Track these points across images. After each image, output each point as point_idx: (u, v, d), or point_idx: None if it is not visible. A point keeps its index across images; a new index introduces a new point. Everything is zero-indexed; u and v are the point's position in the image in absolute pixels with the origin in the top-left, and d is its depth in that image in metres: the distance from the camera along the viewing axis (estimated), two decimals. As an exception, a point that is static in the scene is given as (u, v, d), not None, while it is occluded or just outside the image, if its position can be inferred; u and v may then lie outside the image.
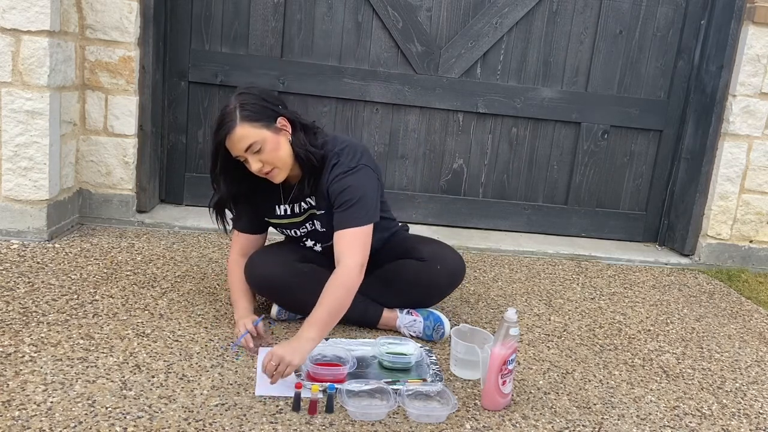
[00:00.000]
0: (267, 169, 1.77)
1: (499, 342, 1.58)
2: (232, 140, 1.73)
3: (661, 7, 3.18)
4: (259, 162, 1.75)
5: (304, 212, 1.95)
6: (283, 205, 1.95)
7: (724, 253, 3.17)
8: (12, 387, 1.49)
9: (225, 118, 1.73)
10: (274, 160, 1.76)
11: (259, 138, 1.73)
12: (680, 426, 1.66)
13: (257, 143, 1.73)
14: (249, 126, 1.72)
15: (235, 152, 1.75)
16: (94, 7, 2.61)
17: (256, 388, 1.59)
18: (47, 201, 2.47)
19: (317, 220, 1.93)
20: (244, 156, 1.75)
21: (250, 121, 1.73)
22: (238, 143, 1.73)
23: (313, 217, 1.94)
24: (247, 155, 1.74)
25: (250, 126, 1.73)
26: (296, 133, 1.82)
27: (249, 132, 1.72)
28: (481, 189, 3.31)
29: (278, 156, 1.77)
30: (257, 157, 1.74)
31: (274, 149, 1.75)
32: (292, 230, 2.00)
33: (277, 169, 1.78)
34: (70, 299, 1.99)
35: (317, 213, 1.92)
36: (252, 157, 1.74)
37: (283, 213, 1.97)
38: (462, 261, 2.05)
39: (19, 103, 2.38)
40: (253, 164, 1.75)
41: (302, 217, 1.96)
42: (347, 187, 1.81)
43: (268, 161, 1.76)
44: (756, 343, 2.28)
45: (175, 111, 3.04)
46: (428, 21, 3.09)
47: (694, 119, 3.19)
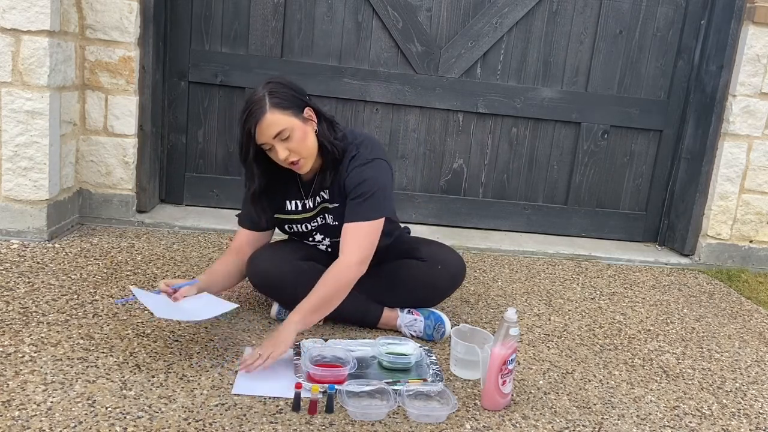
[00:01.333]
0: (294, 158, 1.76)
1: (499, 342, 1.58)
2: (262, 126, 1.72)
3: (661, 7, 3.18)
4: (287, 150, 1.74)
5: (317, 206, 1.94)
6: (294, 201, 1.94)
7: (724, 253, 3.17)
8: (12, 387, 1.49)
9: (254, 105, 1.73)
10: (301, 149, 1.76)
11: (289, 125, 1.73)
12: (680, 426, 1.66)
13: (286, 130, 1.73)
14: (279, 113, 1.72)
15: (263, 139, 1.74)
16: (94, 7, 2.61)
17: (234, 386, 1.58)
18: (47, 201, 2.47)
19: (329, 214, 1.92)
20: (272, 144, 1.74)
21: (280, 108, 1.73)
22: (267, 129, 1.72)
23: (326, 211, 1.93)
24: (274, 143, 1.74)
25: (280, 113, 1.72)
26: (321, 124, 1.83)
27: (279, 119, 1.72)
28: (481, 189, 3.31)
29: (305, 145, 1.77)
30: (285, 145, 1.74)
31: (302, 138, 1.76)
32: (303, 225, 1.98)
33: (303, 159, 1.78)
34: (70, 299, 1.99)
35: (330, 206, 1.91)
36: (280, 145, 1.74)
37: (294, 209, 1.96)
38: (462, 262, 2.05)
39: (19, 103, 2.38)
40: (280, 152, 1.74)
41: (314, 212, 1.95)
42: (364, 180, 1.81)
43: (295, 150, 1.75)
44: (756, 343, 2.28)
45: (175, 111, 3.04)
46: (428, 21, 3.09)
47: (694, 119, 3.19)
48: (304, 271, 1.91)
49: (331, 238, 1.97)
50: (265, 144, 1.76)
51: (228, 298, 2.13)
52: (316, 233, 1.99)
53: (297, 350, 1.76)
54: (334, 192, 1.88)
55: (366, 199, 1.81)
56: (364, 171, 1.82)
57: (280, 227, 2.04)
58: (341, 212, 1.86)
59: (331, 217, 1.93)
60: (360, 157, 1.84)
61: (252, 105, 1.73)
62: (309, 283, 1.90)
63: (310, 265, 1.93)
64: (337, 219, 1.91)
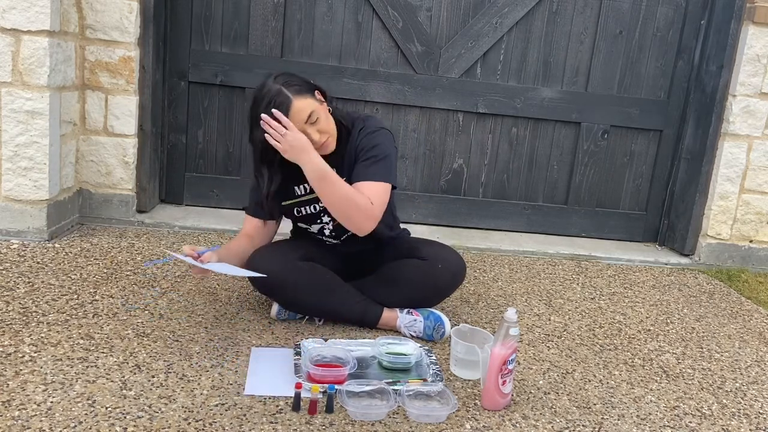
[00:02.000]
0: (325, 138, 1.83)
1: (499, 342, 1.58)
2: (292, 113, 1.77)
3: (661, 7, 3.18)
4: (318, 132, 1.81)
5: None
6: (302, 185, 1.95)
7: (724, 253, 3.17)
8: (12, 387, 1.49)
9: (276, 97, 1.77)
10: (328, 129, 1.85)
11: (314, 108, 1.80)
12: (680, 426, 1.66)
13: (314, 113, 1.80)
14: (302, 99, 1.79)
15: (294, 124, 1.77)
16: (94, 7, 2.61)
17: (246, 387, 1.59)
18: (47, 201, 2.47)
19: None
20: (303, 128, 1.79)
21: (301, 94, 1.79)
22: (297, 115, 1.77)
23: None
24: (306, 127, 1.79)
25: (303, 98, 1.79)
26: (331, 103, 1.92)
27: (305, 103, 1.79)
28: (481, 189, 3.31)
29: (330, 125, 1.86)
30: (315, 127, 1.81)
31: (326, 118, 1.85)
32: (311, 206, 1.99)
33: (331, 137, 1.86)
34: (70, 299, 1.99)
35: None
36: (311, 129, 1.80)
37: (303, 192, 1.97)
38: (463, 262, 2.05)
39: (19, 103, 2.38)
40: (313, 135, 1.80)
41: None
42: (376, 144, 1.89)
43: (324, 130, 1.83)
44: (756, 343, 2.28)
45: (175, 111, 3.04)
46: (428, 21, 3.09)
47: (694, 119, 3.19)
48: (303, 271, 1.92)
49: (335, 220, 1.97)
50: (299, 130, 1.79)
51: (228, 298, 2.13)
52: (323, 215, 1.99)
53: (297, 350, 1.76)
54: (343, 167, 1.92)
55: (377, 161, 1.87)
56: (375, 137, 1.90)
57: (289, 215, 2.04)
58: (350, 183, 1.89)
59: None
60: (369, 127, 1.93)
61: (274, 98, 1.77)
62: (309, 283, 1.91)
63: (309, 265, 1.94)
64: None
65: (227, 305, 2.08)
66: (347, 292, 1.97)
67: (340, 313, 1.98)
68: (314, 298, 1.94)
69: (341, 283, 1.97)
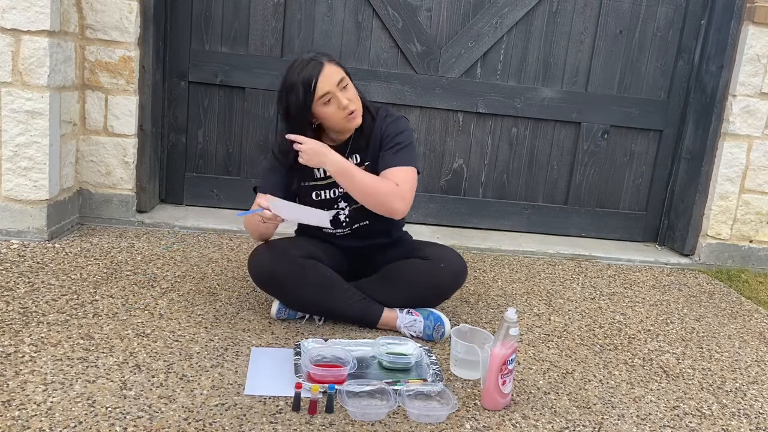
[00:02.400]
0: (353, 107, 1.88)
1: (499, 342, 1.58)
2: (325, 74, 1.84)
3: (661, 7, 3.18)
4: (347, 99, 1.87)
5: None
6: (321, 168, 1.98)
7: (724, 253, 3.17)
8: (12, 387, 1.49)
9: (309, 62, 1.85)
10: (357, 101, 1.91)
11: (344, 76, 1.88)
12: (680, 426, 1.66)
13: (345, 79, 1.88)
14: (334, 65, 1.88)
15: (326, 87, 1.84)
16: (94, 7, 2.61)
17: (246, 387, 1.59)
18: (47, 201, 2.47)
19: None
20: (334, 91, 1.84)
21: (332, 62, 1.88)
22: (330, 77, 1.84)
23: None
24: (336, 90, 1.85)
25: (335, 65, 1.88)
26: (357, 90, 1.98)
27: (336, 69, 1.87)
28: (481, 189, 3.31)
29: (358, 100, 1.93)
30: (345, 94, 1.87)
31: (355, 91, 1.92)
32: (331, 190, 2.01)
33: (358, 110, 1.91)
34: (70, 299, 1.99)
35: (364, 167, 1.98)
36: (341, 93, 1.86)
37: (322, 175, 2.00)
38: (465, 263, 2.06)
39: (19, 103, 2.38)
40: (342, 99, 1.85)
41: None
42: (402, 131, 1.97)
43: (353, 97, 1.90)
44: (756, 343, 2.28)
45: (175, 111, 3.04)
46: (428, 21, 3.09)
47: (694, 119, 3.19)
48: (306, 268, 1.92)
49: (352, 204, 2.01)
50: (327, 94, 1.84)
51: (228, 298, 2.13)
52: (341, 200, 2.02)
53: (297, 350, 1.76)
54: (368, 151, 1.99)
55: (404, 147, 1.95)
56: (399, 124, 1.99)
57: (306, 199, 2.04)
58: (372, 170, 1.96)
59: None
60: (393, 115, 2.02)
61: (307, 62, 1.85)
62: (311, 281, 1.91)
63: (311, 263, 1.94)
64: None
65: (227, 305, 2.08)
66: (348, 291, 1.97)
67: (340, 311, 1.98)
68: (315, 296, 1.94)
69: (342, 281, 1.98)
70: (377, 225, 2.06)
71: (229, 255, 2.58)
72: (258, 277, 1.96)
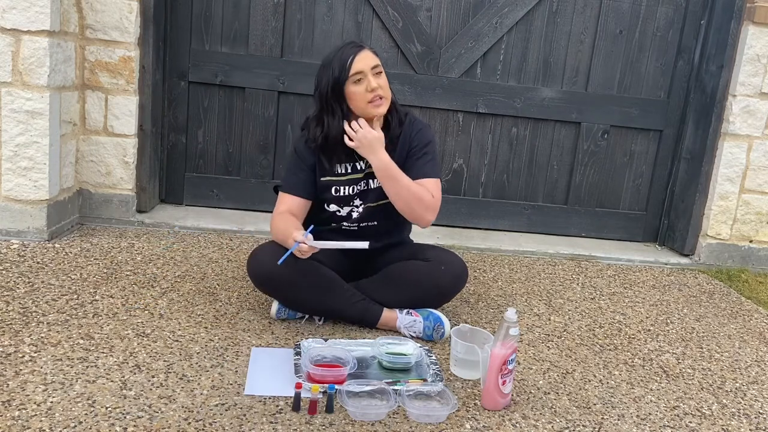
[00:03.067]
0: (381, 91, 1.91)
1: (499, 342, 1.58)
2: (361, 56, 1.90)
3: (661, 7, 3.18)
4: (377, 83, 1.90)
5: (366, 169, 2.02)
6: (344, 164, 2.01)
7: (724, 253, 3.17)
8: (12, 387, 1.49)
9: (349, 45, 1.93)
10: (387, 88, 1.95)
11: (380, 64, 1.93)
12: (680, 426, 1.66)
13: (379, 67, 1.93)
14: (371, 52, 1.94)
15: (360, 67, 1.89)
16: (94, 7, 2.61)
17: (246, 387, 1.59)
18: (47, 201, 2.47)
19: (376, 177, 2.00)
20: (366, 73, 1.89)
21: (373, 52, 1.95)
22: (366, 59, 1.90)
23: (373, 175, 2.01)
24: (369, 72, 1.89)
25: (373, 54, 1.94)
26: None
27: (373, 55, 1.93)
28: (481, 189, 3.31)
29: (389, 91, 1.96)
30: (377, 78, 1.91)
31: (386, 81, 1.96)
32: (349, 187, 2.02)
33: (386, 99, 1.95)
34: (70, 299, 1.99)
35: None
36: (373, 77, 1.90)
37: (344, 171, 2.03)
38: (466, 267, 2.06)
39: (19, 103, 2.38)
40: (372, 81, 1.89)
41: (362, 174, 2.03)
42: (430, 141, 2.03)
43: (384, 85, 1.93)
44: (756, 343, 2.28)
45: (175, 111, 3.04)
46: (428, 21, 3.09)
47: (694, 119, 3.19)
48: (305, 269, 1.92)
49: (366, 202, 2.04)
50: (359, 73, 1.89)
51: (228, 298, 2.13)
52: (357, 198, 2.04)
53: (297, 350, 1.76)
54: (395, 152, 1.99)
55: (432, 158, 2.02)
56: (429, 133, 2.06)
57: (323, 193, 2.04)
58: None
59: (377, 180, 2.00)
60: (420, 122, 2.07)
61: (347, 45, 1.94)
62: (310, 281, 1.91)
63: (310, 263, 1.94)
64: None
65: (227, 305, 2.08)
66: (347, 291, 1.97)
67: (340, 312, 1.98)
68: (314, 296, 1.95)
69: (342, 282, 1.98)
70: (384, 226, 2.07)
71: (229, 255, 2.58)
72: (257, 278, 1.96)
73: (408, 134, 2.02)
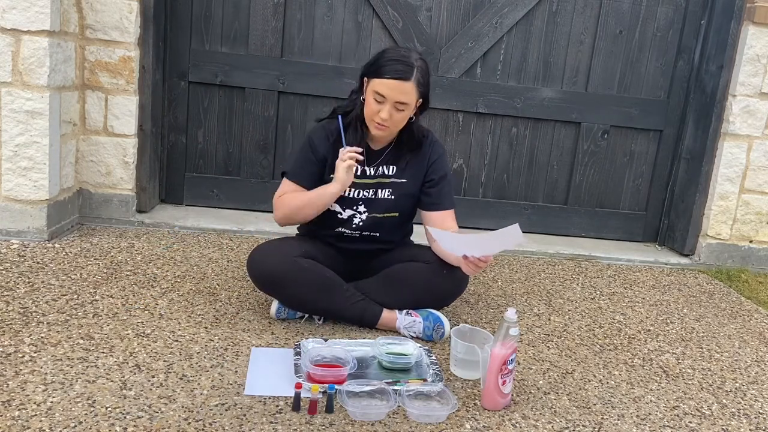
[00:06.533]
0: (388, 123, 1.89)
1: (499, 342, 1.58)
2: (399, 86, 1.84)
3: (661, 7, 3.18)
4: (389, 114, 1.87)
5: (376, 176, 2.02)
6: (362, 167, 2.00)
7: (724, 253, 3.17)
8: (12, 387, 1.49)
9: (407, 65, 1.86)
10: (398, 123, 1.93)
11: (410, 102, 1.88)
12: (680, 426, 1.66)
13: (406, 105, 1.88)
14: (414, 90, 1.87)
15: (387, 92, 1.84)
16: (94, 7, 2.61)
17: (246, 387, 1.59)
18: (47, 201, 2.47)
19: (387, 188, 2.03)
20: (387, 101, 1.85)
21: (417, 87, 1.88)
22: (397, 92, 1.85)
23: (383, 186, 2.02)
24: (389, 104, 1.86)
25: (414, 90, 1.87)
26: (419, 115, 2.01)
27: (410, 93, 1.87)
28: (481, 189, 3.31)
29: (401, 124, 1.94)
30: (393, 111, 1.87)
31: (404, 118, 1.93)
32: (355, 191, 2.00)
33: (389, 129, 1.93)
34: (70, 299, 1.99)
35: (391, 181, 2.03)
36: (391, 109, 1.87)
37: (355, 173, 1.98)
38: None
39: (19, 103, 2.38)
40: (384, 112, 1.86)
41: (372, 181, 2.02)
42: (447, 171, 2.09)
43: (394, 120, 1.90)
44: (756, 343, 2.28)
45: (175, 111, 3.04)
46: (428, 21, 3.09)
47: (694, 119, 3.19)
48: (305, 269, 1.92)
49: (371, 212, 2.02)
50: (382, 96, 1.85)
51: (228, 298, 2.13)
52: (361, 203, 2.02)
53: (297, 350, 1.76)
54: (404, 169, 2.03)
55: (449, 188, 2.09)
56: (445, 161, 2.09)
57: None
58: (406, 189, 2.03)
59: (388, 191, 2.03)
60: (440, 146, 2.09)
61: (403, 62, 1.86)
62: (309, 280, 1.91)
63: (310, 263, 1.94)
64: (394, 193, 2.03)
65: (227, 305, 2.08)
66: (347, 291, 1.97)
67: (339, 312, 1.98)
68: (314, 295, 1.94)
69: (341, 282, 1.98)
70: (386, 237, 2.08)
71: (229, 255, 2.58)
72: (257, 277, 1.96)
73: (427, 154, 2.05)
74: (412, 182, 2.03)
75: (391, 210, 2.03)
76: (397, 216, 2.06)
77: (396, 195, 2.03)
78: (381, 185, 2.02)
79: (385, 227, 2.05)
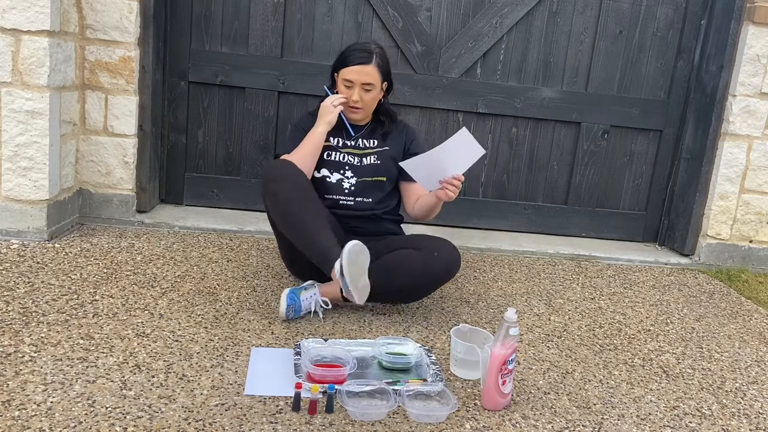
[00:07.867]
0: (361, 104, 2.16)
1: (499, 342, 1.58)
2: (360, 70, 2.11)
3: (661, 7, 3.18)
4: (359, 96, 2.14)
5: (359, 147, 2.24)
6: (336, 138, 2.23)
7: (724, 253, 3.17)
8: (12, 387, 1.49)
9: (365, 51, 2.14)
10: (370, 104, 2.18)
11: (375, 83, 2.14)
12: (680, 426, 1.66)
13: (372, 85, 2.14)
14: (376, 72, 2.14)
15: (353, 77, 2.12)
16: (94, 7, 2.61)
17: (246, 387, 1.59)
18: (47, 201, 2.47)
19: (374, 155, 2.24)
20: (355, 85, 2.12)
21: (378, 69, 2.14)
22: (361, 75, 2.12)
23: (368, 154, 2.24)
24: (357, 86, 2.13)
25: (376, 71, 2.14)
26: (386, 97, 2.28)
27: (374, 74, 2.13)
28: (481, 189, 3.31)
29: (372, 105, 2.20)
30: (362, 93, 2.14)
31: (374, 98, 2.19)
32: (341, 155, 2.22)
33: (363, 111, 2.19)
34: (70, 299, 1.99)
35: (379, 149, 2.25)
36: (360, 91, 2.13)
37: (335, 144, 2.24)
38: (458, 252, 2.11)
39: (19, 103, 2.38)
40: (354, 94, 2.14)
41: (357, 151, 2.24)
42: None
43: (366, 101, 2.16)
44: (756, 343, 2.28)
45: (175, 111, 3.04)
46: (428, 21, 3.09)
47: (694, 119, 3.19)
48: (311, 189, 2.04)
49: (360, 177, 2.21)
50: (350, 81, 2.13)
51: (228, 298, 2.13)
52: (348, 169, 2.22)
53: (297, 350, 1.76)
54: (384, 139, 2.27)
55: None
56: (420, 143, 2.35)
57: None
58: (389, 153, 2.25)
59: (373, 156, 2.24)
60: (414, 131, 2.37)
61: (363, 50, 2.14)
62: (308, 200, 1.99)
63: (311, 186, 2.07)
64: (380, 158, 2.24)
65: (227, 305, 2.08)
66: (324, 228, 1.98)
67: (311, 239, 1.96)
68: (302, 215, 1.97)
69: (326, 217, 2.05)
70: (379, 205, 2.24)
71: (229, 255, 2.58)
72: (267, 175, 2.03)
73: (403, 128, 2.32)
74: (395, 149, 2.27)
75: (378, 174, 2.23)
76: (385, 181, 2.25)
77: (381, 159, 2.24)
78: (366, 154, 2.24)
79: (375, 193, 2.23)
